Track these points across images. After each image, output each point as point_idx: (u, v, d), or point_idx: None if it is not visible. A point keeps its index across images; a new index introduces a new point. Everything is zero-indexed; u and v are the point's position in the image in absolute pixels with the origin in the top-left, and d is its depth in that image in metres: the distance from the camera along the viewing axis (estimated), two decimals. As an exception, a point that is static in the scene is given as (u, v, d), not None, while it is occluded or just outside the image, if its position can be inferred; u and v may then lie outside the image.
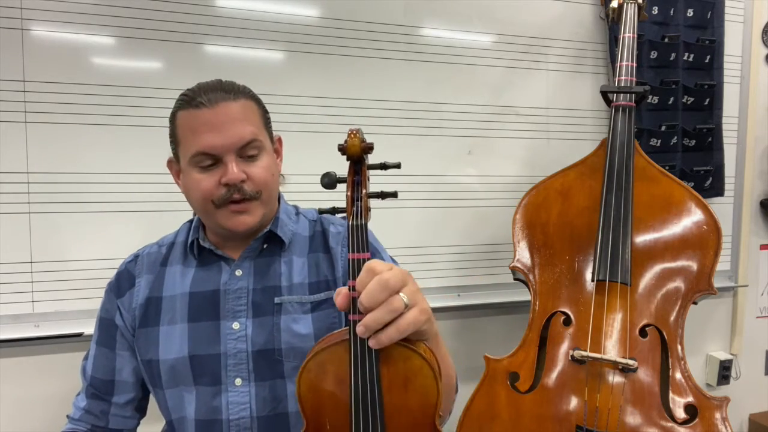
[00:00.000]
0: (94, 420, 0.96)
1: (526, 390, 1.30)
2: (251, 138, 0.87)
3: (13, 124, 1.29)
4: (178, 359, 0.90)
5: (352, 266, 0.67)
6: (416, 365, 0.68)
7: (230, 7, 1.42)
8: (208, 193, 0.87)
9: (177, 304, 0.93)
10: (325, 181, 0.71)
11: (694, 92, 1.82)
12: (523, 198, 1.46)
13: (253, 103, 0.91)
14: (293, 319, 0.91)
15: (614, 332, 1.28)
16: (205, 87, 0.88)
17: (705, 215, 1.34)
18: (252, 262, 0.95)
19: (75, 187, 1.34)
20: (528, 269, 1.41)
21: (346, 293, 0.66)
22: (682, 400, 1.24)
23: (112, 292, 0.98)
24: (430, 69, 1.61)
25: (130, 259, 1.01)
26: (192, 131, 0.86)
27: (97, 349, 0.98)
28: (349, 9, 1.52)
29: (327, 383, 0.70)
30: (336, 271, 0.96)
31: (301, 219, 1.02)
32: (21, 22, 1.28)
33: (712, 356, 2.02)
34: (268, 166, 0.90)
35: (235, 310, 0.91)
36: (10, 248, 1.31)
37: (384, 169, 0.73)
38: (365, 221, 0.69)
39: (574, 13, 1.75)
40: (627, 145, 1.39)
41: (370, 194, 0.72)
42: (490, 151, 1.69)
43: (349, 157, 0.71)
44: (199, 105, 0.85)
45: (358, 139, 0.69)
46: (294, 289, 0.93)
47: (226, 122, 0.85)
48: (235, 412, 0.88)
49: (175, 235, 1.02)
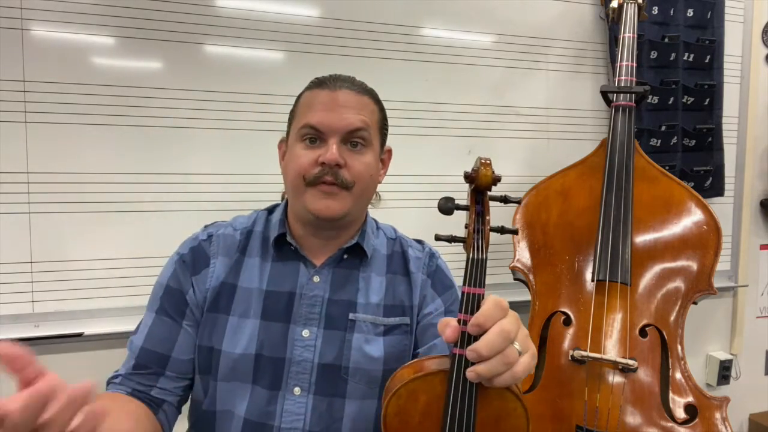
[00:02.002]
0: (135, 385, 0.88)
1: (526, 390, 1.30)
2: (360, 126, 0.86)
3: (13, 124, 1.29)
4: (244, 355, 0.86)
5: (466, 300, 0.66)
6: (510, 406, 0.68)
7: (230, 7, 1.42)
8: (303, 169, 0.85)
9: (252, 299, 0.89)
10: (448, 206, 0.69)
11: (694, 92, 1.82)
12: (523, 198, 1.46)
13: (374, 105, 0.92)
14: (366, 340, 0.89)
15: (614, 332, 1.28)
16: (337, 76, 0.91)
17: (705, 215, 1.34)
18: (331, 270, 0.92)
19: (75, 187, 1.34)
20: (528, 269, 1.41)
21: (455, 327, 0.64)
22: (682, 400, 1.24)
23: (186, 266, 0.92)
24: (430, 69, 1.61)
25: (203, 237, 0.94)
26: (308, 107, 0.88)
27: (158, 318, 0.90)
28: (349, 9, 1.52)
29: (416, 412, 0.69)
30: (413, 298, 0.94)
31: (380, 234, 1.00)
32: (21, 22, 1.28)
33: (712, 356, 2.02)
34: (369, 164, 0.88)
35: (307, 317, 0.89)
36: (10, 248, 1.30)
37: (505, 203, 0.71)
38: (485, 255, 0.68)
39: (574, 13, 1.75)
40: (627, 145, 1.39)
41: (492, 228, 0.71)
42: (490, 151, 1.69)
43: (476, 186, 0.69)
44: (323, 86, 0.88)
45: (490, 169, 0.68)
46: (369, 309, 0.91)
47: (341, 106, 0.86)
48: (288, 421, 0.85)
49: (252, 222, 0.97)
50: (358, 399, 0.88)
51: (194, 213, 1.39)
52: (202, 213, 1.32)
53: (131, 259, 1.37)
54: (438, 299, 0.96)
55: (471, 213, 0.70)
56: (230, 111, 1.42)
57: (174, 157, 1.40)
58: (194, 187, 1.41)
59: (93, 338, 1.34)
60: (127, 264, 1.37)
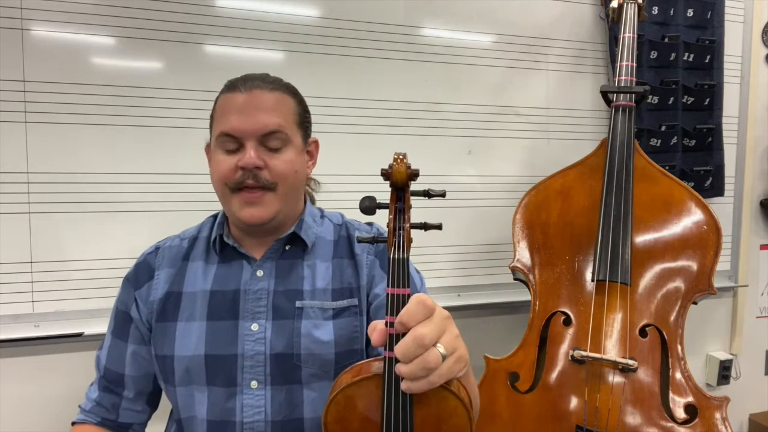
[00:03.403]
0: (104, 413, 0.96)
1: (526, 390, 1.30)
2: (275, 128, 0.86)
3: (13, 124, 1.29)
4: (193, 357, 0.88)
5: (390, 301, 0.64)
6: (451, 405, 0.67)
7: (230, 7, 1.42)
8: (224, 176, 0.87)
9: (197, 301, 0.92)
10: (366, 204, 0.66)
11: (694, 92, 1.82)
12: (523, 198, 1.46)
13: (290, 99, 0.91)
14: (314, 325, 0.90)
15: (614, 332, 1.28)
16: (248, 76, 0.90)
17: (705, 215, 1.34)
18: (274, 263, 0.94)
19: (75, 187, 1.34)
20: (528, 269, 1.41)
21: (382, 330, 0.64)
22: (682, 400, 1.24)
23: (129, 283, 0.97)
24: (430, 69, 1.61)
25: (150, 251, 0.99)
26: (222, 113, 0.88)
27: (112, 340, 0.97)
28: (349, 9, 1.52)
29: (355, 418, 0.69)
30: (360, 278, 0.94)
31: (326, 222, 1.01)
32: (21, 22, 1.28)
33: (712, 356, 2.02)
34: (291, 161, 0.89)
35: (254, 311, 0.90)
36: (10, 248, 1.30)
37: (428, 197, 0.68)
38: (407, 254, 0.66)
39: (574, 13, 1.75)
40: (627, 145, 1.39)
41: (413, 225, 0.68)
42: (490, 151, 1.69)
43: (392, 183, 0.67)
44: (234, 89, 0.88)
45: (404, 165, 0.65)
46: (316, 294, 0.92)
47: (254, 108, 0.86)
48: (249, 415, 0.87)
49: (198, 229, 1.01)
50: (314, 383, 0.90)
51: (194, 213, 1.39)
52: (202, 213, 1.32)
53: (131, 259, 1.36)
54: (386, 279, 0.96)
55: (391, 211, 0.67)
56: (230, 111, 1.42)
57: (174, 156, 1.40)
58: (194, 187, 1.41)
59: (93, 338, 1.34)
60: (127, 264, 1.35)
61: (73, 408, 0.99)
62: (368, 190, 0.73)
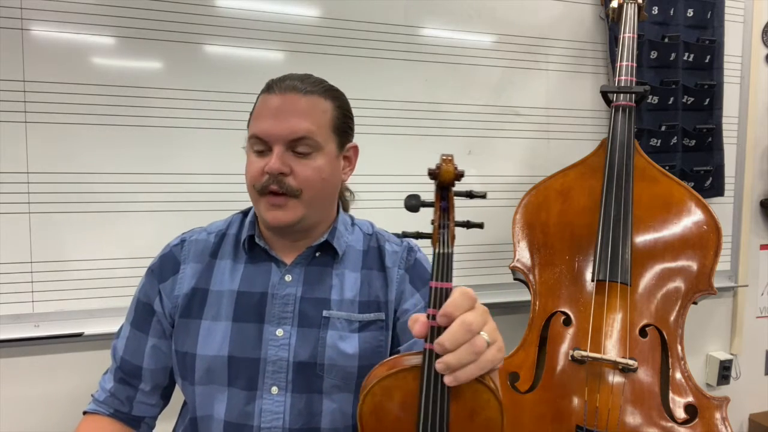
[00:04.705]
0: (118, 405, 0.94)
1: (526, 390, 1.30)
2: (304, 134, 0.84)
3: (13, 124, 1.29)
4: (217, 357, 0.87)
5: (433, 294, 0.66)
6: (484, 398, 0.68)
7: (230, 7, 1.42)
8: (253, 178, 0.86)
9: (224, 301, 0.90)
10: (412, 203, 0.70)
11: (694, 92, 1.82)
12: (523, 198, 1.46)
13: (326, 103, 0.89)
14: (340, 337, 0.89)
15: (614, 332, 1.28)
16: (287, 76, 0.89)
17: (705, 215, 1.34)
18: (303, 269, 0.92)
19: (75, 187, 1.34)
20: (528, 269, 1.41)
21: (424, 321, 0.64)
22: (682, 400, 1.24)
23: (154, 275, 0.95)
24: (430, 69, 1.61)
25: (175, 243, 0.97)
26: (257, 114, 0.88)
27: (131, 330, 0.95)
28: (349, 9, 1.52)
29: (392, 409, 0.69)
30: (389, 293, 0.93)
31: (356, 230, 0.99)
32: (21, 22, 1.28)
33: (712, 356, 2.02)
34: (320, 168, 0.87)
35: (281, 316, 0.89)
36: (10, 248, 1.30)
37: (470, 198, 0.72)
38: (451, 249, 0.69)
39: (574, 13, 1.75)
40: (627, 145, 1.39)
41: (457, 223, 0.72)
42: (490, 151, 1.69)
43: (439, 183, 0.70)
44: (270, 90, 0.87)
45: (452, 165, 0.69)
46: (344, 305, 0.91)
47: (284, 112, 0.85)
48: (267, 420, 0.86)
49: (226, 225, 0.99)
50: (335, 395, 0.89)
51: (194, 213, 1.39)
52: (202, 213, 1.32)
53: (131, 259, 1.37)
54: (417, 294, 0.95)
55: (436, 209, 0.71)
56: (230, 111, 1.42)
57: (174, 156, 1.40)
58: (194, 187, 1.41)
59: (93, 338, 1.34)
60: (127, 264, 1.37)
61: (74, 408, 0.99)
62: (368, 189, 0.73)
